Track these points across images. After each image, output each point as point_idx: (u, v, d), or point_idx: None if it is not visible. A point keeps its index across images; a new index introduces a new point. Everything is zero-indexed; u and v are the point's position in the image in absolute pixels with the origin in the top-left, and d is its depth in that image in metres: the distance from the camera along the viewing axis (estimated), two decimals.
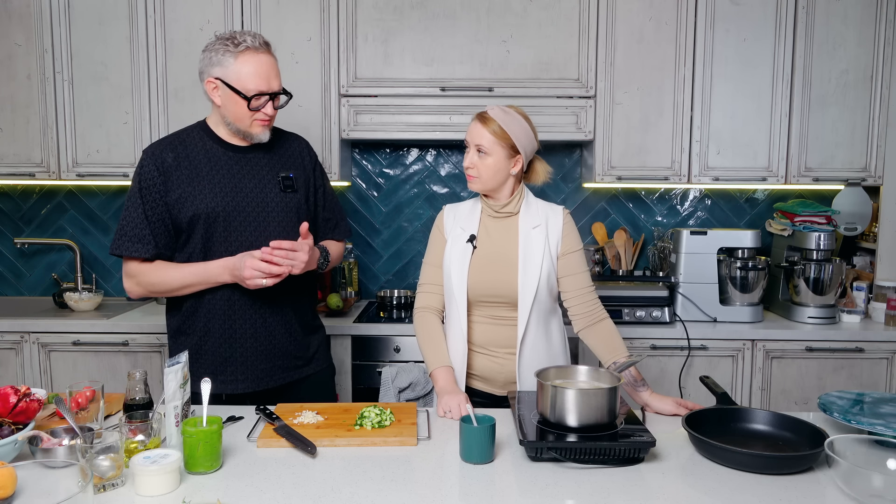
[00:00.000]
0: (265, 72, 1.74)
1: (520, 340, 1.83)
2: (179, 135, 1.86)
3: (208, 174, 1.80)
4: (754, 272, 2.78)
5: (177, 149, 1.81)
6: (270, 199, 1.85)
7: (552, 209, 1.91)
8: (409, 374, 2.55)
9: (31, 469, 1.35)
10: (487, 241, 1.88)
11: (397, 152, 3.23)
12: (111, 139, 2.88)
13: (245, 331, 1.84)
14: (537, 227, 1.86)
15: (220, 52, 1.73)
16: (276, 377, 1.89)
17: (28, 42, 2.84)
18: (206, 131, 1.86)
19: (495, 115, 1.81)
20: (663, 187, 3.19)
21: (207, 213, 1.78)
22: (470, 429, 1.41)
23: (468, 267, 1.85)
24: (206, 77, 1.77)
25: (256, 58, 1.73)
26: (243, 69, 1.72)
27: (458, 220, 1.92)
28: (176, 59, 2.83)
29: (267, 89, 1.75)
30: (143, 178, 1.78)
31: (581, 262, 1.89)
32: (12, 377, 2.72)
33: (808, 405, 2.70)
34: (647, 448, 1.40)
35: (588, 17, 2.79)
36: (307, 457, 1.44)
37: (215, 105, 1.80)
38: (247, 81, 1.73)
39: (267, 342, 1.87)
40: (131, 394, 1.55)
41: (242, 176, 1.83)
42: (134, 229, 1.78)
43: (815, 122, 2.83)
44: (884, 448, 1.36)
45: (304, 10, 2.80)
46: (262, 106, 1.76)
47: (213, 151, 1.83)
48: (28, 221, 3.25)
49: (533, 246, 1.84)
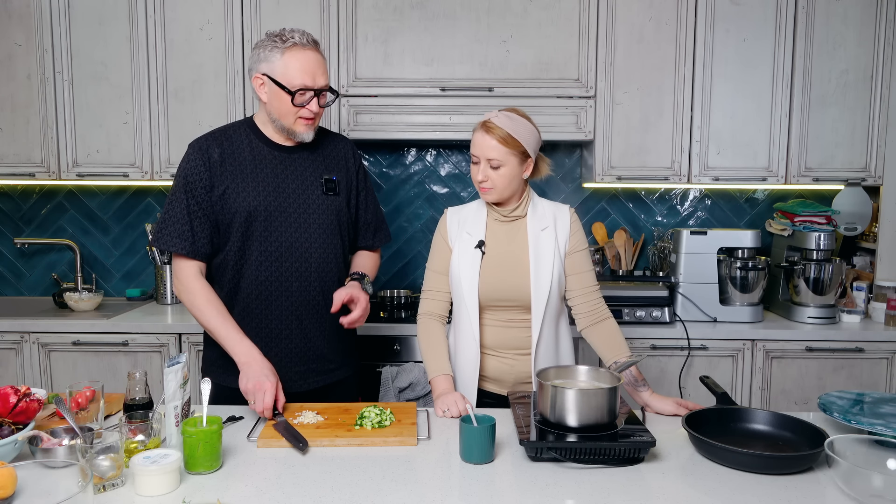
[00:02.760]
0: (311, 68, 1.73)
1: (535, 342, 1.83)
2: (226, 130, 1.84)
3: (252, 171, 1.79)
4: (754, 272, 2.78)
5: (223, 144, 1.80)
6: (312, 201, 1.83)
7: (559, 209, 1.91)
8: (409, 374, 2.55)
9: (31, 469, 1.35)
10: (496, 245, 1.86)
11: (397, 152, 3.23)
12: (111, 139, 2.88)
13: (280, 332, 1.83)
14: (546, 229, 1.85)
15: (268, 49, 1.73)
16: (311, 380, 1.88)
17: (28, 42, 2.84)
18: (253, 128, 1.84)
19: (501, 122, 1.76)
20: (663, 187, 3.19)
21: (249, 212, 1.77)
22: (470, 429, 1.41)
23: (478, 273, 1.83)
24: (253, 73, 1.77)
25: (303, 53, 1.72)
26: (289, 64, 1.72)
27: (464, 224, 1.89)
28: (176, 59, 2.83)
29: (312, 85, 1.73)
30: (189, 172, 1.76)
31: (587, 260, 1.90)
32: (12, 377, 2.72)
33: (808, 405, 2.70)
34: (647, 448, 1.40)
35: (588, 17, 2.79)
36: (307, 457, 1.44)
37: (262, 102, 1.80)
38: (292, 77, 1.72)
39: (302, 344, 1.85)
40: (131, 394, 1.55)
41: (286, 175, 1.82)
42: (175, 224, 1.76)
43: (815, 122, 2.83)
44: (884, 448, 1.36)
45: (304, 10, 2.80)
46: (307, 102, 1.75)
47: (259, 149, 1.82)
48: (28, 221, 3.25)
49: (543, 248, 1.83)
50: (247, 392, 1.63)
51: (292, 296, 1.82)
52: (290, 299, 1.82)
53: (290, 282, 1.82)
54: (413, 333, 2.67)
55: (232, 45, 2.83)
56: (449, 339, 1.94)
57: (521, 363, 1.87)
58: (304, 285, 1.83)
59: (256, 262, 1.80)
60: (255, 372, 1.65)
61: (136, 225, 3.23)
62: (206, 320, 1.75)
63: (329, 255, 1.86)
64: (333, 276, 1.88)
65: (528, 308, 1.83)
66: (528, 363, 1.86)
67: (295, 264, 1.82)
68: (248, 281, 1.81)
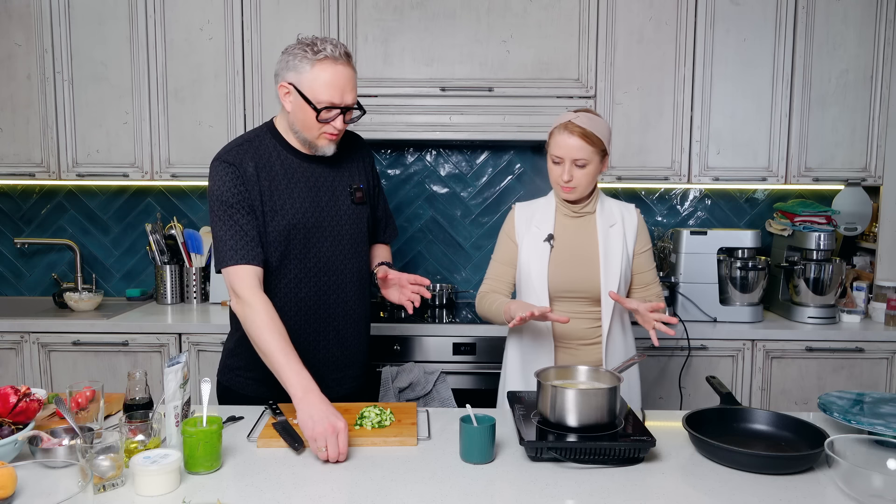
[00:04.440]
0: (341, 84, 1.65)
1: (605, 333, 1.89)
2: (252, 141, 1.75)
3: (287, 186, 1.73)
4: (754, 272, 2.78)
5: (255, 157, 1.72)
6: (343, 213, 1.80)
7: (626, 208, 1.98)
8: (409, 374, 2.55)
9: (31, 469, 1.35)
10: (565, 238, 1.92)
11: (397, 152, 3.23)
12: (111, 139, 2.88)
13: (318, 343, 1.80)
14: (614, 226, 1.93)
15: (298, 58, 1.64)
16: (346, 385, 1.87)
17: (28, 42, 2.84)
18: (277, 137, 1.77)
19: (583, 123, 1.81)
20: (663, 187, 3.19)
21: (289, 228, 1.71)
22: (470, 429, 1.41)
23: (548, 264, 1.89)
24: (280, 80, 1.69)
25: (334, 68, 1.64)
26: (318, 78, 1.63)
27: (533, 219, 1.96)
28: (176, 59, 2.83)
29: (339, 102, 1.66)
30: (225, 191, 1.68)
31: (651, 259, 1.99)
32: (12, 377, 2.72)
33: (808, 405, 2.70)
34: (647, 448, 1.40)
35: (588, 17, 2.79)
36: (307, 457, 1.44)
37: (285, 110, 1.73)
38: (319, 92, 1.64)
39: (339, 352, 1.83)
40: (131, 394, 1.55)
41: (318, 189, 1.77)
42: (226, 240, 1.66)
43: (815, 122, 2.83)
44: (884, 448, 1.36)
45: (304, 10, 2.80)
46: (332, 119, 1.68)
47: (289, 161, 1.75)
48: (28, 221, 3.25)
49: (612, 243, 1.91)
50: (315, 435, 1.41)
51: (330, 308, 1.80)
52: (327, 311, 1.80)
53: (328, 295, 1.79)
54: (413, 333, 2.67)
55: (232, 45, 2.83)
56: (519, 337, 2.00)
57: (587, 354, 1.92)
58: (342, 297, 1.82)
59: (295, 278, 1.76)
60: (321, 412, 1.45)
61: (136, 225, 3.23)
62: (263, 342, 1.58)
63: (362, 265, 1.87)
64: (366, 282, 1.89)
65: (596, 300, 1.89)
66: (593, 353, 1.92)
67: (332, 278, 1.79)
68: (286, 297, 1.76)
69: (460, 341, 2.66)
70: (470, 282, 3.26)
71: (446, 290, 3.11)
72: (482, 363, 2.66)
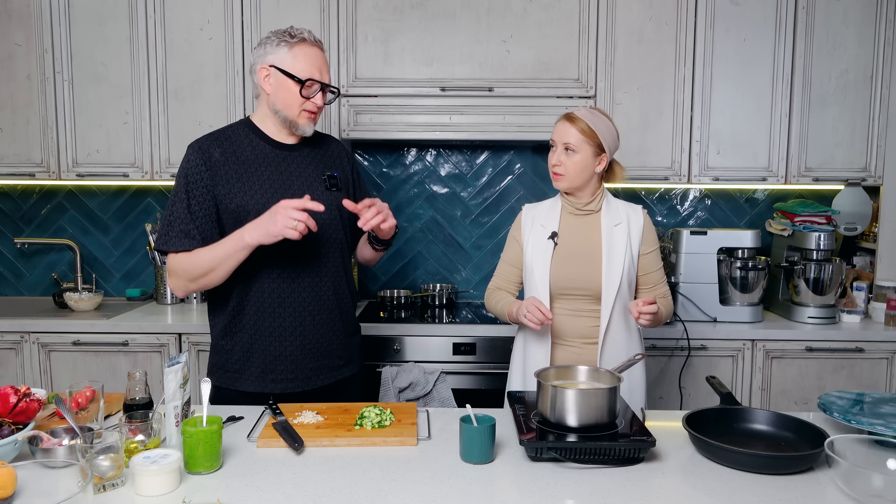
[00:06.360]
0: (318, 63, 1.79)
1: (603, 331, 1.90)
2: (225, 131, 1.85)
3: (256, 171, 1.80)
4: (754, 272, 2.78)
5: (223, 144, 1.80)
6: (317, 198, 1.81)
7: (632, 209, 1.99)
8: (409, 374, 2.55)
9: (31, 469, 1.35)
10: (569, 236, 1.95)
11: (397, 152, 3.23)
12: (111, 139, 2.88)
13: (294, 329, 1.83)
14: (619, 225, 1.94)
15: (275, 44, 1.77)
16: (323, 377, 1.88)
17: (28, 42, 2.84)
18: (252, 128, 1.85)
19: (582, 115, 1.88)
20: (663, 187, 3.19)
21: (257, 211, 1.74)
22: (470, 429, 1.41)
23: (550, 262, 1.91)
24: (258, 67, 1.79)
25: (311, 49, 1.79)
26: (299, 56, 1.77)
27: (538, 218, 1.99)
28: (176, 59, 2.84)
29: (319, 78, 1.78)
30: (190, 172, 1.76)
31: (658, 260, 2.00)
32: (12, 377, 2.72)
33: (808, 405, 2.70)
34: (647, 448, 1.40)
35: (588, 17, 2.79)
36: (307, 457, 1.44)
37: (265, 94, 1.81)
38: (301, 68, 1.76)
39: (315, 340, 1.85)
40: (131, 394, 1.55)
41: (290, 174, 1.83)
42: (179, 224, 1.74)
43: (815, 122, 2.83)
44: (884, 448, 1.36)
45: (304, 11, 2.80)
46: (313, 94, 1.79)
47: (261, 148, 1.83)
48: (28, 221, 3.25)
49: (615, 242, 1.92)
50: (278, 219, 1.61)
51: (304, 292, 1.82)
52: (301, 295, 1.82)
53: (301, 279, 1.82)
54: (413, 333, 2.67)
55: (232, 45, 2.83)
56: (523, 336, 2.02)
57: (587, 352, 1.93)
58: (316, 281, 1.84)
59: (268, 261, 1.79)
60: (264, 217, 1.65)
61: (136, 225, 3.23)
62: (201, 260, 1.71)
63: (337, 251, 1.88)
64: (342, 271, 1.90)
65: (597, 298, 1.90)
66: (593, 352, 1.92)
67: (305, 261, 1.82)
68: (260, 280, 1.80)
69: (460, 341, 2.66)
70: (470, 282, 3.26)
71: (446, 290, 3.11)
72: (482, 363, 2.66)
